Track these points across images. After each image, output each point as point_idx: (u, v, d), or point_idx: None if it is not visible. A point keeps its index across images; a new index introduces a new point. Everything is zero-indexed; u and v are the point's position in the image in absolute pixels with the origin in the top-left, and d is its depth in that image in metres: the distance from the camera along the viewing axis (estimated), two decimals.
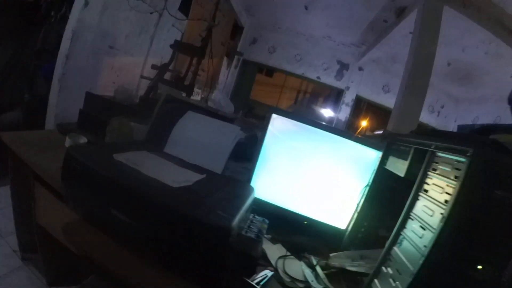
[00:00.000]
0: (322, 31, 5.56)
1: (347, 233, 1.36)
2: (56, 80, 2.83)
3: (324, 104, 6.56)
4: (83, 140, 1.89)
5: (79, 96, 2.66)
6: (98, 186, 1.00)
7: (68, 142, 1.84)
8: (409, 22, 3.62)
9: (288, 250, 1.21)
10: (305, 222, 1.45)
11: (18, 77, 3.39)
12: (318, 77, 5.93)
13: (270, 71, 6.62)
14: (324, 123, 1.57)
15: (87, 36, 2.86)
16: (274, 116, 1.48)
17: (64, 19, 2.87)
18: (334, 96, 6.18)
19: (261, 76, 6.78)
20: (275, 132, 1.48)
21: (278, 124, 1.48)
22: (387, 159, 1.29)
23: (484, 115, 5.15)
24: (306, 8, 4.97)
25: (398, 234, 0.95)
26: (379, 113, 5.98)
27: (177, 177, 1.07)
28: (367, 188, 1.33)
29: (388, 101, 5.43)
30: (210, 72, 3.51)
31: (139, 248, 1.04)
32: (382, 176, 1.31)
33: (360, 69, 5.78)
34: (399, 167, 1.13)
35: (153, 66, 2.82)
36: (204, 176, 1.19)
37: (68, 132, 1.95)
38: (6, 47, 3.48)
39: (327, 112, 6.14)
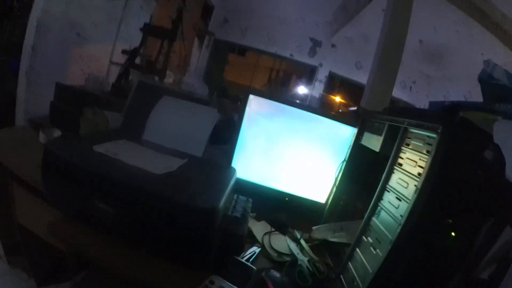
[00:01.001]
0: (295, 11, 5.54)
1: (327, 206, 1.42)
2: (23, 73, 2.66)
3: (298, 82, 6.60)
4: (57, 133, 1.83)
5: (48, 89, 2.53)
6: (80, 180, 0.99)
7: (42, 137, 1.78)
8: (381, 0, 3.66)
9: (272, 226, 1.26)
10: (287, 199, 1.51)
11: None
12: (291, 55, 5.93)
13: (242, 51, 6.53)
14: (299, 101, 1.60)
15: (53, 25, 2.69)
16: (251, 97, 1.50)
17: (29, 9, 2.71)
18: (307, 74, 6.22)
19: (233, 56, 6.69)
20: (252, 113, 1.50)
21: (255, 105, 1.49)
22: (362, 135, 1.35)
23: (454, 92, 5.36)
24: None
25: (375, 205, 1.01)
26: (352, 90, 6.09)
27: (159, 164, 1.08)
28: (344, 163, 1.39)
29: (361, 77, 5.52)
30: (182, 54, 3.44)
31: (126, 238, 1.05)
32: (358, 152, 1.37)
33: (333, 46, 5.82)
34: (374, 142, 1.18)
35: (123, 51, 2.73)
36: (185, 161, 1.20)
37: (41, 127, 1.88)
38: None
39: (301, 90, 6.20)
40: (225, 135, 1.48)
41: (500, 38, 3.79)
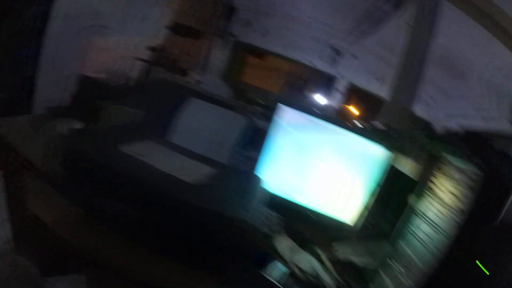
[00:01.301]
0: (317, 16, 5.44)
1: (350, 224, 1.42)
2: (43, 61, 2.57)
3: (315, 89, 6.53)
4: (73, 125, 1.83)
5: (67, 78, 2.55)
6: (105, 180, 1.00)
7: (59, 127, 1.79)
8: (406, 12, 3.60)
9: (294, 240, 1.26)
10: (310, 213, 1.50)
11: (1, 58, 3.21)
12: (310, 62, 5.86)
13: (261, 53, 6.48)
14: (326, 114, 1.59)
15: (76, 15, 2.64)
16: (280, 106, 1.49)
17: None
18: (325, 82, 6.13)
19: (251, 58, 6.64)
20: (282, 123, 1.50)
21: (285, 115, 1.49)
22: (394, 157, 1.33)
23: (471, 109, 5.23)
24: None
25: (404, 229, 1.00)
26: (369, 101, 6.00)
27: (188, 171, 1.08)
28: (373, 183, 1.38)
29: (380, 90, 5.45)
30: (204, 54, 3.44)
31: (146, 241, 1.05)
32: (391, 175, 1.35)
33: (353, 56, 5.73)
34: (407, 167, 1.17)
35: (149, 48, 2.73)
36: (213, 168, 1.20)
37: (60, 117, 1.89)
38: None
39: (318, 98, 6.12)
40: (251, 142, 1.48)
41: None
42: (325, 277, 1.03)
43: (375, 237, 1.38)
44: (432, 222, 0.86)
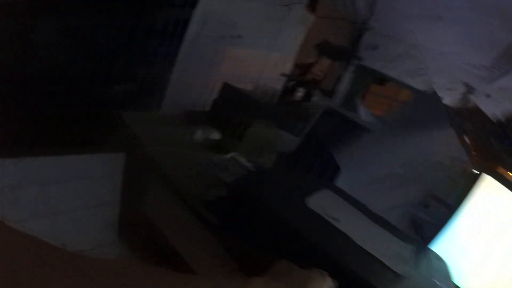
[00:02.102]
0: (451, 48, 4.85)
1: None
2: (179, 62, 2.66)
3: None
4: (215, 135, 1.68)
5: (198, 82, 2.54)
6: (284, 234, 0.72)
7: (198, 135, 1.65)
8: None
9: None
10: None
11: (134, 53, 3.43)
12: (441, 97, 5.24)
13: (382, 79, 5.96)
14: None
15: (213, 22, 2.67)
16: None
17: (190, 3, 2.78)
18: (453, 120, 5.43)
19: (374, 85, 6.16)
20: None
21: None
22: None
23: None
24: (440, 18, 4.35)
25: None
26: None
27: (390, 252, 0.77)
28: None
29: None
30: (332, 76, 3.20)
31: None
32: None
33: (488, 96, 4.97)
34: None
35: (297, 65, 2.54)
36: (413, 247, 0.86)
37: (197, 123, 1.76)
38: (127, 23, 3.51)
39: None
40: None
41: None
42: None
43: None
44: None
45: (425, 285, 0.76)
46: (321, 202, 0.81)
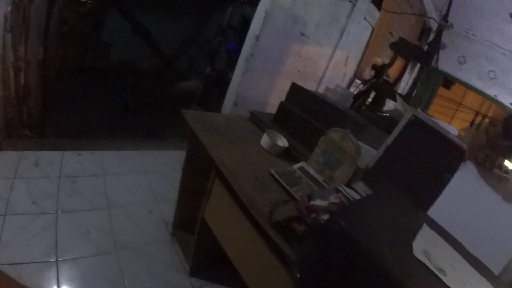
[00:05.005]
0: None
1: None
2: (243, 60, 2.60)
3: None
4: (283, 142, 1.57)
5: (261, 79, 2.48)
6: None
7: (265, 140, 1.54)
8: None
9: None
10: None
11: (198, 49, 3.46)
12: (508, 101, 4.69)
13: (448, 82, 5.50)
14: None
15: (278, 18, 2.57)
16: None
17: (252, 1, 2.71)
18: None
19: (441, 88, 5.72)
20: None
21: None
22: None
23: None
24: (511, 16, 3.87)
25: None
26: None
27: None
28: None
29: None
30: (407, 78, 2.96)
31: None
32: None
33: None
34: None
35: (373, 67, 2.35)
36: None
37: (266, 127, 1.66)
38: (190, 21, 3.55)
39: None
40: None
41: None
42: None
43: None
44: None
45: None
46: (427, 247, 0.66)
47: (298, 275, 0.72)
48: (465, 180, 0.99)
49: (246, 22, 2.67)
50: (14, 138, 2.34)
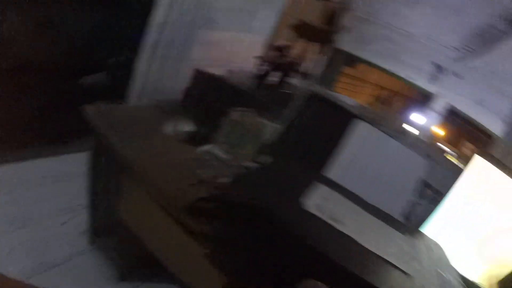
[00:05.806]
0: (424, 30, 4.96)
1: None
2: (148, 47, 2.50)
3: (407, 108, 5.90)
4: (189, 127, 1.55)
5: (171, 69, 2.40)
6: (288, 249, 0.64)
7: (170, 127, 1.51)
8: None
9: None
10: None
11: (105, 41, 3.20)
12: (409, 76, 5.31)
13: (351, 61, 5.98)
14: None
15: (185, 4, 2.49)
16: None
17: None
18: (420, 100, 5.53)
19: (347, 67, 6.18)
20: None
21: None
22: None
23: None
24: (417, 2, 4.43)
25: None
26: (467, 128, 5.31)
27: (397, 250, 0.70)
28: None
29: (483, 118, 4.77)
30: (309, 59, 3.12)
31: None
32: None
33: (456, 75, 5.08)
34: None
35: (274, 47, 2.39)
36: (411, 238, 0.81)
37: (169, 114, 1.61)
38: (95, 11, 3.26)
39: (415, 118, 5.42)
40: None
41: None
42: None
43: None
44: None
45: (433, 279, 0.71)
46: (320, 202, 0.73)
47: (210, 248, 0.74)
48: (356, 139, 1.11)
49: (148, 10, 2.54)
50: None
